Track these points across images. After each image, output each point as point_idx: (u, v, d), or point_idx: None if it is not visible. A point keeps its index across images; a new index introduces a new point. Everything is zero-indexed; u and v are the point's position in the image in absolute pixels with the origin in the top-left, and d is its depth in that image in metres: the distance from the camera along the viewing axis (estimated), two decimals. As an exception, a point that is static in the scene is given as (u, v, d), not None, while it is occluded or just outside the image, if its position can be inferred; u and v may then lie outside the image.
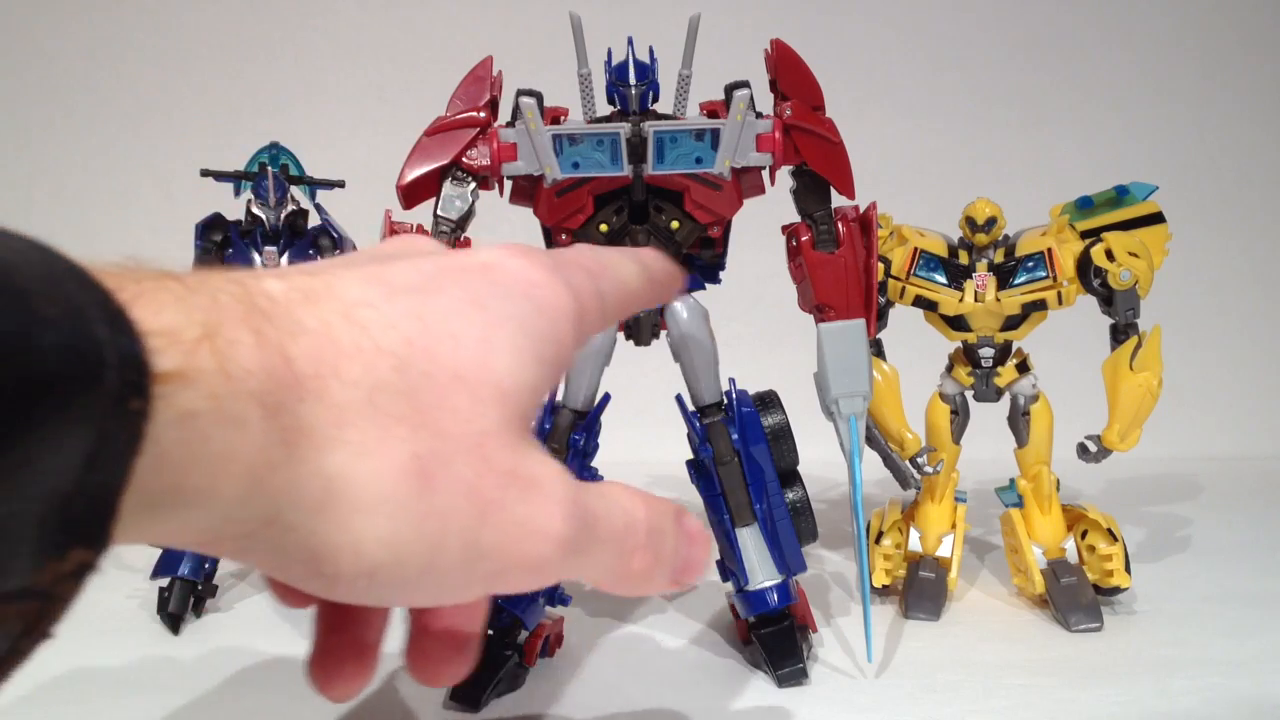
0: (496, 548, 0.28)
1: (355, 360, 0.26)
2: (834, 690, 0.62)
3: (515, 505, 0.28)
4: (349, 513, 0.26)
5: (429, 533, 0.27)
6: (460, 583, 0.28)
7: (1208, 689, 0.61)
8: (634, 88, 0.61)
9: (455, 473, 0.27)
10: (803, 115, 0.62)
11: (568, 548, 0.30)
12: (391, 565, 0.27)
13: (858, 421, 0.63)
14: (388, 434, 0.26)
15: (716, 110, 0.62)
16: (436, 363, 0.28)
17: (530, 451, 0.29)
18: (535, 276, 0.31)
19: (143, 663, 0.68)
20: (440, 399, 0.27)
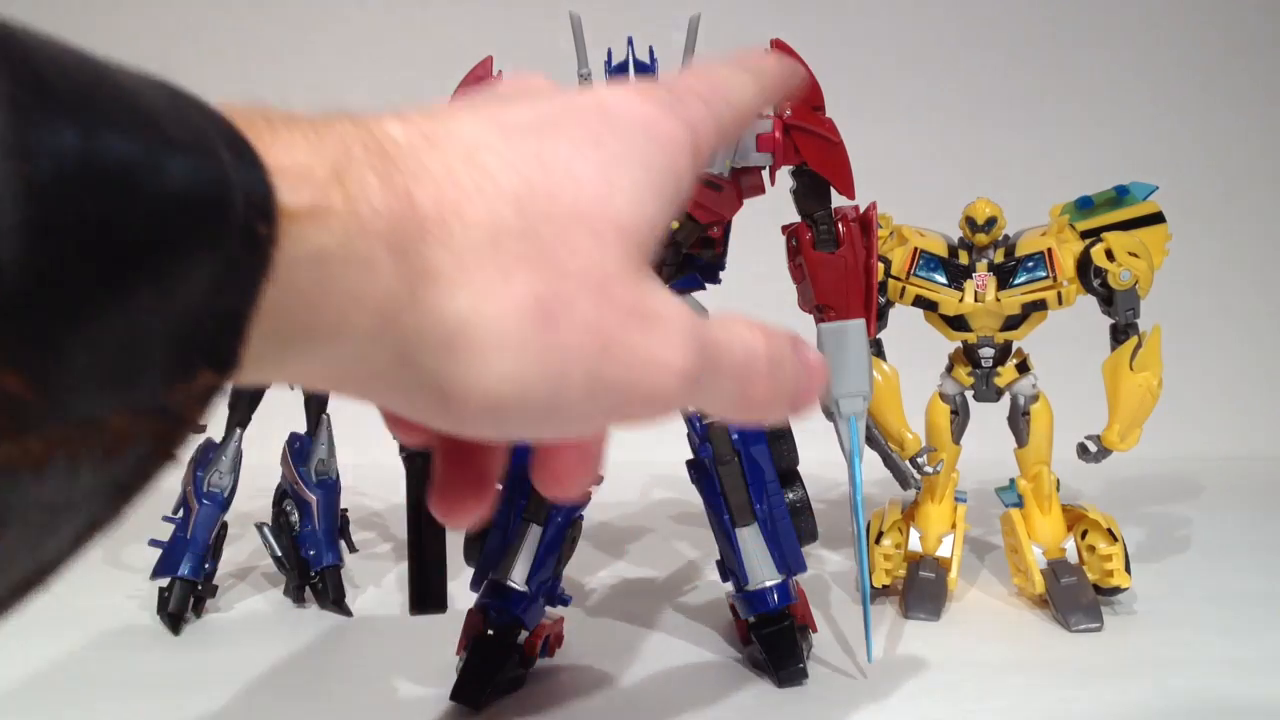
0: (620, 381, 0.29)
1: (477, 203, 0.27)
2: (834, 690, 0.62)
3: (637, 340, 0.29)
4: (475, 352, 0.27)
5: (553, 369, 0.28)
6: (584, 416, 0.29)
7: (1208, 689, 0.61)
8: None
9: (578, 310, 0.28)
10: (803, 115, 0.62)
11: (690, 379, 0.30)
12: (517, 401, 0.28)
13: (858, 421, 0.63)
14: (511, 275, 0.27)
15: None
16: (557, 203, 0.28)
17: (651, 287, 0.30)
18: (651, 112, 0.32)
19: (143, 663, 0.68)
20: (561, 239, 0.28)
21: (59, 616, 0.75)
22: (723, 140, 0.35)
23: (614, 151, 0.30)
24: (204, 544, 0.74)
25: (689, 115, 0.33)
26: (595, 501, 0.68)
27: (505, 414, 0.28)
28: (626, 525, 0.97)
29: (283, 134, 0.24)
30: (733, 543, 0.63)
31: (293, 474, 0.77)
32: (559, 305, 0.28)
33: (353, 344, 0.26)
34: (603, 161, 0.30)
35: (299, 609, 0.76)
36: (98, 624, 0.73)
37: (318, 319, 0.24)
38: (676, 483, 1.02)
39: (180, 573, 0.73)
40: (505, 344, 0.27)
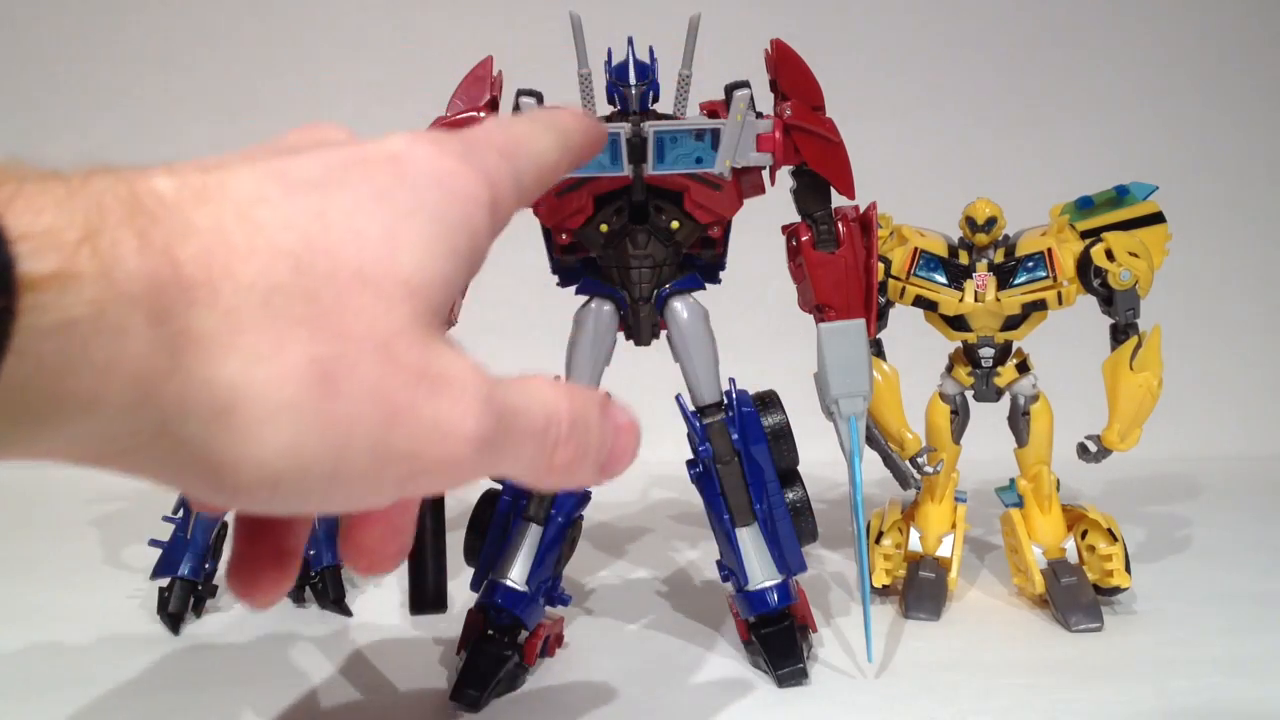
0: (408, 450, 0.27)
1: (250, 262, 0.25)
2: (834, 690, 0.62)
3: (425, 405, 0.28)
4: (246, 422, 0.25)
5: (333, 438, 0.26)
6: (371, 487, 0.28)
7: (1208, 689, 0.61)
8: (634, 88, 0.61)
9: (360, 375, 0.26)
10: (803, 115, 0.62)
11: (483, 445, 0.29)
12: (295, 474, 0.26)
13: (858, 421, 0.63)
14: (285, 338, 0.25)
15: (717, 110, 0.62)
16: (338, 261, 0.27)
17: (442, 348, 0.28)
18: (445, 164, 0.30)
19: (143, 663, 0.68)
20: (343, 299, 0.26)
21: (59, 616, 0.75)
22: (522, 197, 0.33)
23: (403, 206, 0.29)
24: (204, 544, 0.74)
25: (487, 169, 0.31)
26: (595, 501, 0.68)
27: (283, 487, 0.26)
28: (626, 525, 0.97)
29: (32, 195, 0.23)
30: (733, 543, 0.63)
31: (293, 474, 0.77)
32: (339, 369, 0.26)
33: (108, 417, 0.24)
34: (390, 217, 0.28)
35: (299, 609, 0.76)
36: (97, 624, 0.73)
37: (65, 389, 0.23)
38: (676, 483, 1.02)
39: (180, 573, 0.73)
40: (280, 412, 0.25)
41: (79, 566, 0.87)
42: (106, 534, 0.93)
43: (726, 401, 0.64)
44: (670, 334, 0.64)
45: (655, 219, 0.62)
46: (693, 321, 0.63)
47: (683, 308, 0.63)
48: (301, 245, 0.26)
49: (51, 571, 0.85)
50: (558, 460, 0.33)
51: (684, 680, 0.64)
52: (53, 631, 0.72)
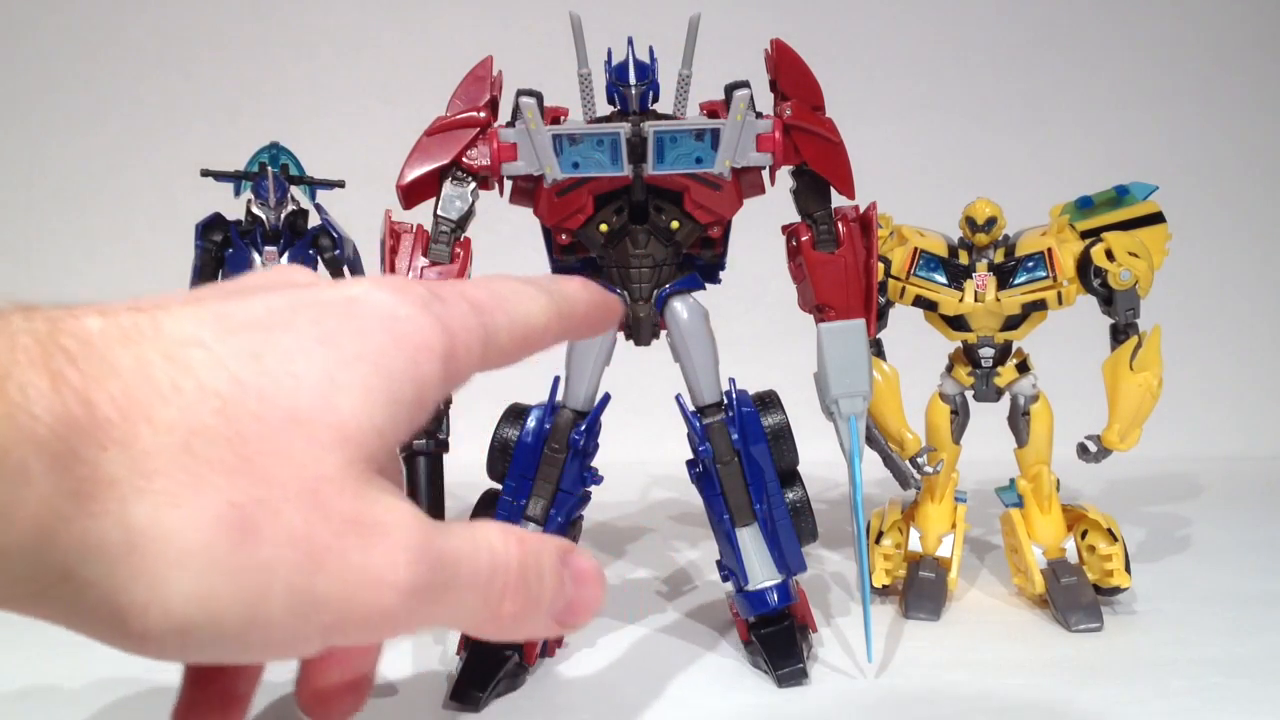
0: (333, 599, 0.26)
1: (172, 404, 0.25)
2: (834, 690, 0.62)
3: (353, 552, 0.27)
4: (154, 567, 0.24)
5: (249, 586, 0.25)
6: (293, 636, 0.27)
7: (1208, 689, 0.61)
8: (634, 88, 0.60)
9: (283, 521, 0.26)
10: (803, 115, 0.62)
11: (416, 595, 0.28)
12: (205, 622, 0.25)
13: (858, 421, 0.63)
14: (203, 482, 0.25)
15: (716, 110, 0.62)
16: (269, 404, 0.26)
17: (376, 495, 0.28)
18: (400, 311, 0.29)
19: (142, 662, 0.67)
20: (270, 443, 0.26)
21: (59, 616, 0.75)
22: (497, 354, 0.32)
23: (346, 352, 0.28)
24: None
25: (449, 319, 0.30)
26: (595, 501, 0.68)
27: (195, 635, 0.25)
28: (626, 525, 0.97)
29: None
30: (732, 543, 0.63)
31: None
32: (260, 515, 0.25)
33: (9, 559, 0.23)
34: (330, 362, 0.28)
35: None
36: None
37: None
38: (676, 483, 1.02)
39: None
40: (191, 557, 0.25)
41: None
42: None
43: (726, 401, 0.64)
44: (670, 334, 0.64)
45: (655, 219, 0.62)
46: (693, 321, 0.63)
47: (683, 308, 0.63)
48: (232, 387, 0.26)
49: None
50: (504, 611, 0.31)
51: (684, 680, 0.64)
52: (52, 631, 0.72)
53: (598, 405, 0.64)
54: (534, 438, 0.63)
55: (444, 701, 0.61)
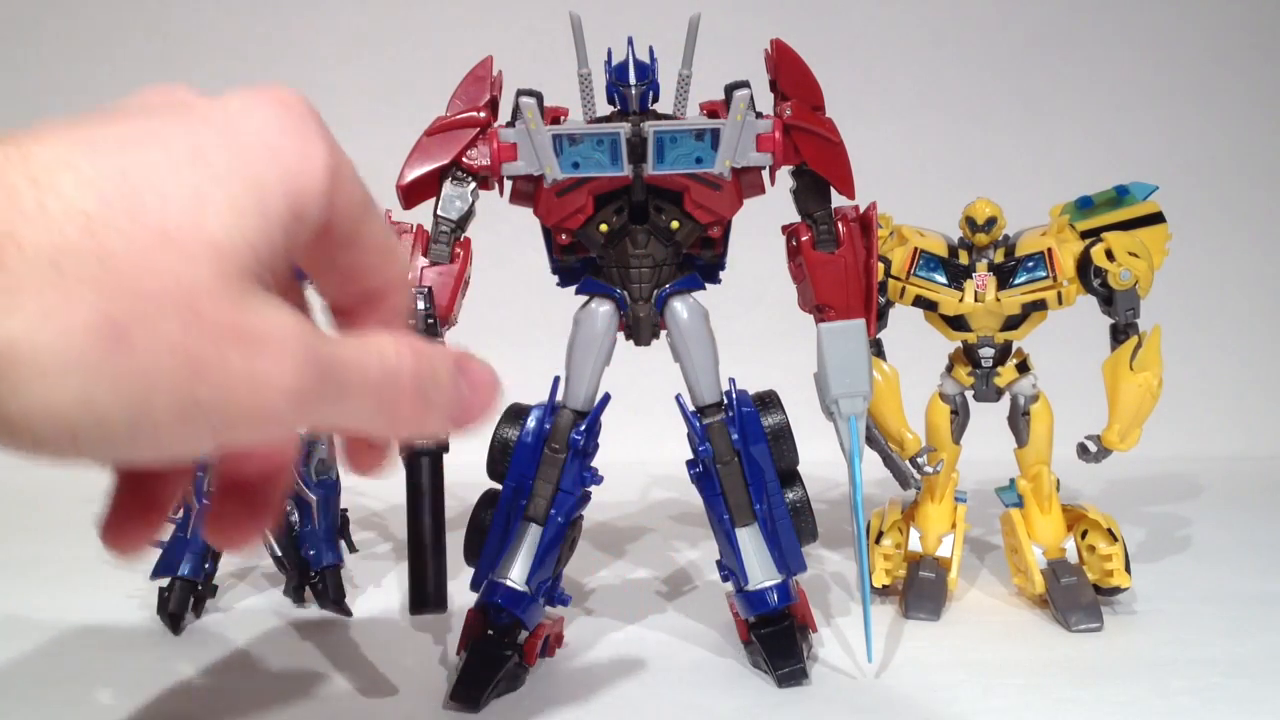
0: (218, 403, 0.28)
1: (38, 225, 0.26)
2: (834, 690, 0.62)
3: (235, 360, 0.28)
4: (34, 378, 0.26)
5: (130, 391, 0.27)
6: (182, 438, 0.28)
7: (1208, 689, 0.61)
8: (634, 88, 0.60)
9: (159, 331, 0.27)
10: (803, 115, 0.62)
11: (302, 399, 0.30)
12: (92, 425, 0.27)
13: (858, 421, 0.63)
14: (74, 297, 0.26)
15: (717, 110, 0.62)
16: (138, 221, 0.27)
17: (258, 307, 0.29)
18: (278, 124, 0.31)
19: (143, 662, 0.68)
20: (141, 259, 0.27)
21: (59, 616, 0.75)
22: (357, 204, 0.34)
23: (218, 168, 0.29)
24: (203, 544, 0.74)
25: (330, 138, 0.32)
26: (595, 501, 0.68)
27: (83, 437, 0.27)
28: (626, 525, 0.97)
29: None
30: (732, 543, 0.63)
31: (293, 474, 0.77)
32: (135, 325, 0.27)
33: None
34: (201, 178, 0.29)
35: (299, 609, 0.76)
36: (98, 624, 0.73)
37: None
38: (676, 483, 1.02)
39: (180, 572, 0.73)
40: (70, 367, 0.26)
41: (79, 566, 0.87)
42: (106, 534, 0.93)
43: (726, 401, 0.64)
44: (670, 334, 0.64)
45: (655, 219, 0.62)
46: (693, 321, 0.63)
47: (683, 308, 0.63)
48: (99, 206, 0.27)
49: (51, 571, 0.85)
50: (400, 414, 0.33)
51: (684, 680, 0.64)
52: (53, 631, 0.72)
53: (597, 405, 0.64)
54: (534, 438, 0.63)
55: (444, 701, 0.61)
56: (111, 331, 0.27)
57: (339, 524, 0.79)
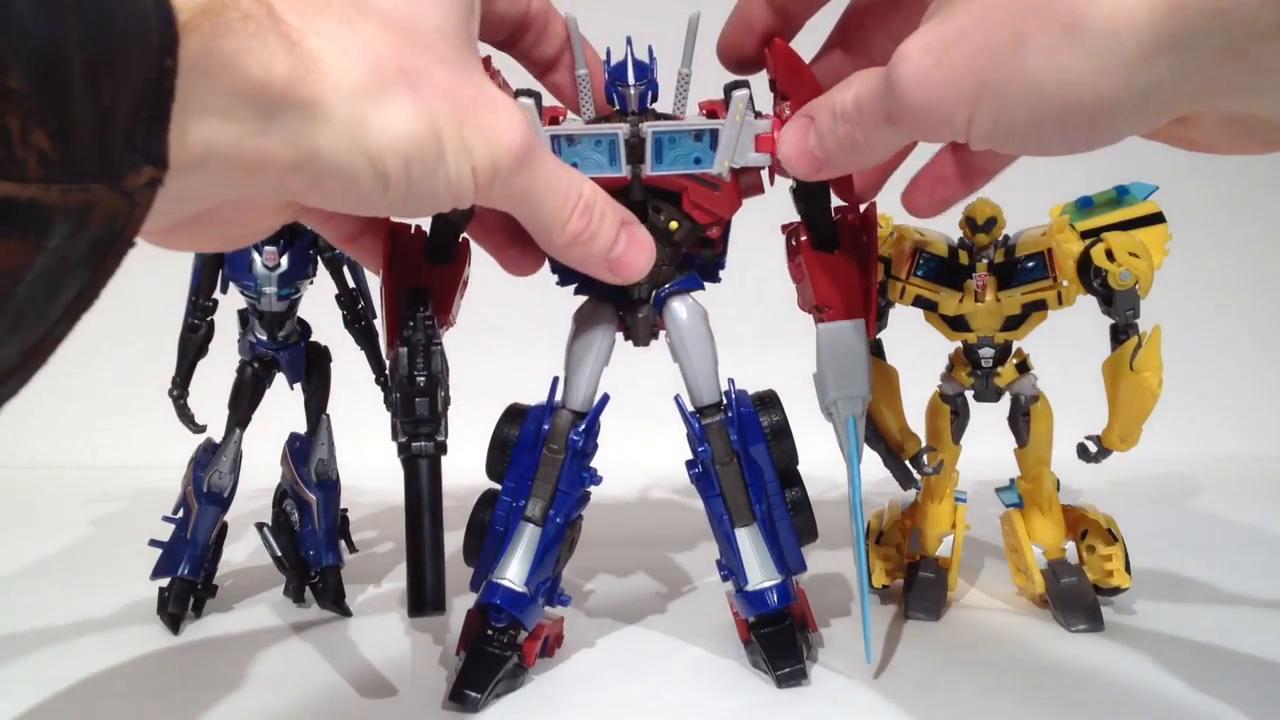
0: (472, 145, 0.37)
1: (333, 5, 0.35)
2: (834, 690, 0.62)
3: (485, 113, 0.37)
4: (360, 124, 0.34)
5: (432, 129, 0.36)
6: (461, 177, 0.37)
7: (1208, 689, 0.61)
8: (633, 87, 0.60)
9: (436, 78, 0.36)
10: (802, 115, 0.61)
11: (520, 161, 0.39)
12: (417, 157, 0.35)
13: (856, 422, 0.63)
14: (373, 51, 0.35)
15: (715, 110, 0.61)
16: (386, 9, 0.37)
17: (488, 80, 0.39)
18: None
19: (143, 662, 0.68)
20: (406, 28, 0.36)
21: (59, 615, 0.75)
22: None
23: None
24: (204, 544, 0.74)
25: None
26: (595, 502, 0.68)
27: (414, 173, 0.36)
28: (626, 525, 0.97)
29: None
30: (732, 543, 0.63)
31: (293, 474, 0.78)
32: (419, 74, 0.36)
33: (245, 116, 0.32)
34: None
35: (299, 609, 0.76)
36: (98, 623, 0.73)
37: (219, 86, 0.30)
38: (676, 483, 1.02)
39: (180, 573, 0.73)
40: (391, 104, 0.34)
41: (79, 566, 0.87)
42: (106, 534, 0.93)
43: (725, 402, 0.64)
44: (669, 334, 0.64)
45: (653, 219, 0.62)
46: (692, 322, 0.63)
47: (681, 308, 0.63)
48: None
49: (51, 571, 0.85)
50: (570, 228, 0.43)
51: (683, 680, 0.64)
52: (53, 631, 0.72)
53: (596, 406, 0.64)
54: (532, 438, 0.63)
55: (443, 702, 0.61)
56: (409, 81, 0.35)
57: (339, 524, 0.79)
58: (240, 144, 0.32)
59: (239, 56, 0.30)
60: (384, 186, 0.35)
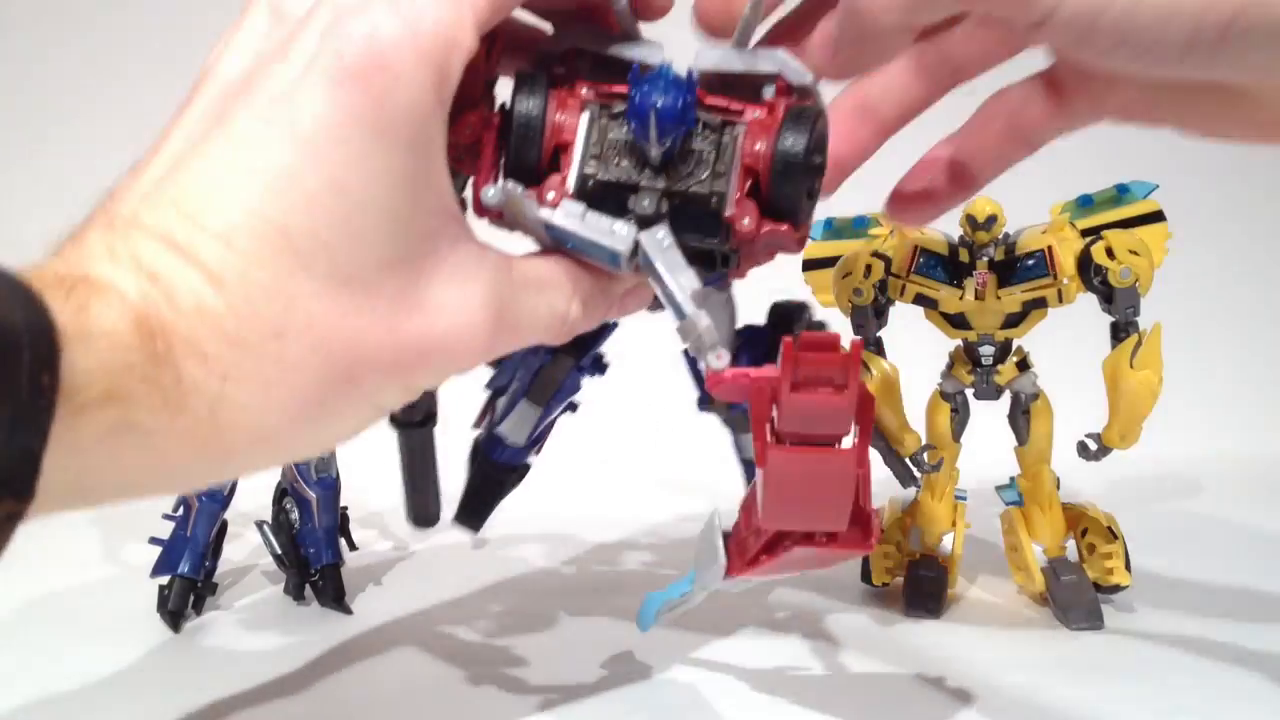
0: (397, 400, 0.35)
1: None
2: (834, 689, 0.62)
3: (416, 372, 0.34)
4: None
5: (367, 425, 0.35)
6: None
7: (1208, 687, 0.61)
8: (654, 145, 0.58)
9: (372, 369, 0.32)
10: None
11: (490, 345, 0.36)
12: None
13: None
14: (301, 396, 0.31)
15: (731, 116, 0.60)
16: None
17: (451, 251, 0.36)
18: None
19: (143, 661, 0.68)
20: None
21: (59, 614, 0.75)
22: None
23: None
24: (204, 542, 0.74)
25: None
26: (597, 505, 0.68)
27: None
28: (627, 526, 0.97)
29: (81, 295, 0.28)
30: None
31: (293, 472, 0.77)
32: (352, 372, 0.32)
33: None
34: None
35: (299, 607, 0.76)
36: (97, 622, 0.73)
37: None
38: (676, 484, 1.02)
39: (180, 570, 0.73)
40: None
41: (79, 566, 0.87)
42: (106, 532, 0.93)
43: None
44: None
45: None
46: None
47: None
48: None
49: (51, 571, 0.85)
50: (561, 336, 0.40)
51: (683, 680, 0.64)
52: (52, 630, 0.72)
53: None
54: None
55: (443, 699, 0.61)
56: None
57: (339, 522, 0.79)
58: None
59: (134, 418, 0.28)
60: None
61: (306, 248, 0.30)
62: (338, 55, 0.31)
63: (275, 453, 0.31)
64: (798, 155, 0.39)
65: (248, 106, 0.32)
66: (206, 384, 0.28)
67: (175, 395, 0.28)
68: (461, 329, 0.32)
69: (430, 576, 0.83)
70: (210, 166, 0.31)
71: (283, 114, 0.31)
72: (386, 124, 0.31)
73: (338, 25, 0.32)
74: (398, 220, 0.31)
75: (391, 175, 0.31)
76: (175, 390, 0.28)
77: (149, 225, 0.30)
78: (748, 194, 0.40)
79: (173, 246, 0.29)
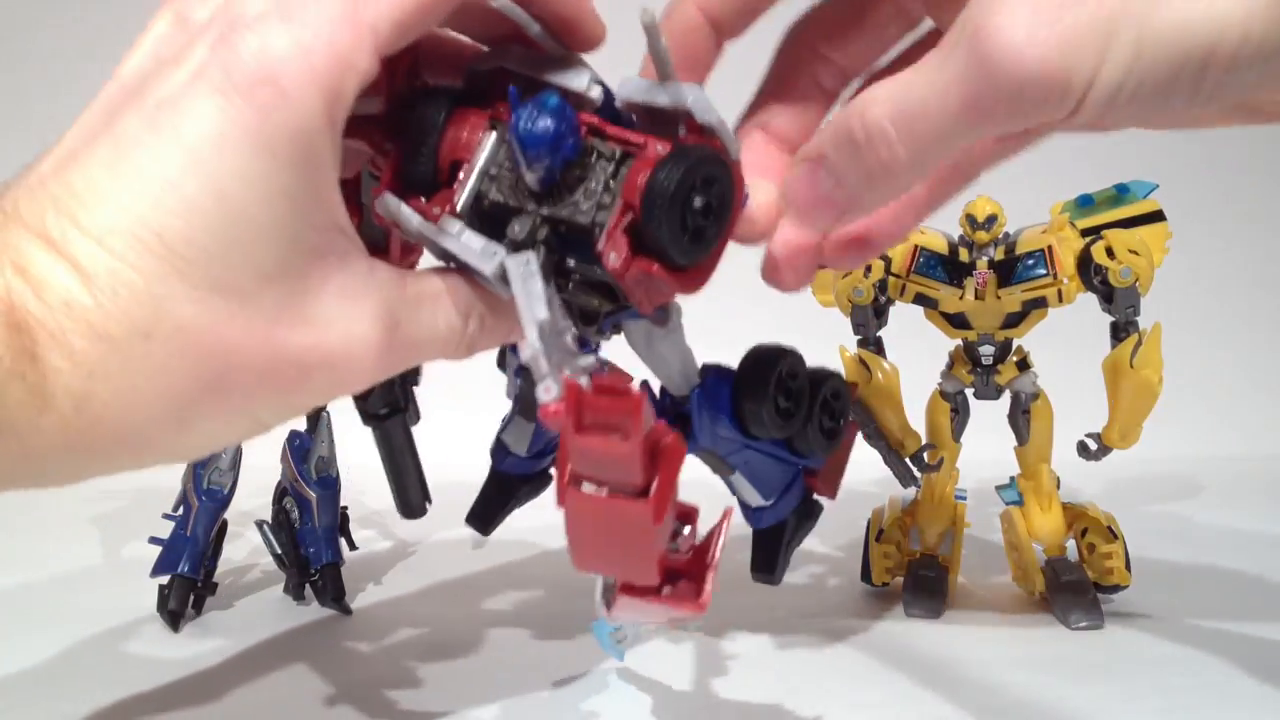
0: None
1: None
2: (833, 689, 0.62)
3: (296, 392, 0.33)
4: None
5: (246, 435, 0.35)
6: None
7: (1208, 687, 0.61)
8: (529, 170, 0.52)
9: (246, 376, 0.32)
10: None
11: (384, 364, 0.36)
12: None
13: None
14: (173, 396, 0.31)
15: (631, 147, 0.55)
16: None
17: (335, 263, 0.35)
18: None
19: (143, 660, 0.68)
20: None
21: (59, 613, 0.75)
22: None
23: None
24: (204, 541, 0.74)
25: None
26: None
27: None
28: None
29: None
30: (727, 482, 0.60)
31: (293, 472, 0.77)
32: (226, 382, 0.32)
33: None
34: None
35: (299, 606, 0.76)
36: (98, 621, 0.73)
37: None
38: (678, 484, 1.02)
39: (180, 570, 0.73)
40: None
41: (79, 565, 0.87)
42: (106, 532, 0.93)
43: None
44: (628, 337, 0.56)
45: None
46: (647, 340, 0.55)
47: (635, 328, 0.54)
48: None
49: (51, 570, 0.85)
50: (468, 351, 0.39)
51: (682, 680, 0.64)
52: (52, 630, 0.72)
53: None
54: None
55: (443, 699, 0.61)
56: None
57: (339, 522, 0.79)
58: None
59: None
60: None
61: (183, 253, 0.30)
62: (226, 68, 0.31)
63: (142, 453, 0.31)
64: (665, 191, 0.37)
65: (137, 110, 0.32)
66: (72, 380, 0.28)
67: (40, 390, 0.28)
68: (349, 345, 0.32)
69: (430, 576, 0.83)
70: (92, 166, 0.31)
71: (168, 120, 0.31)
72: (270, 139, 0.31)
73: (231, 37, 0.32)
74: (280, 234, 0.31)
75: (273, 190, 0.31)
76: (40, 385, 0.28)
77: (26, 219, 0.30)
78: (626, 229, 0.38)
79: (47, 242, 0.29)
